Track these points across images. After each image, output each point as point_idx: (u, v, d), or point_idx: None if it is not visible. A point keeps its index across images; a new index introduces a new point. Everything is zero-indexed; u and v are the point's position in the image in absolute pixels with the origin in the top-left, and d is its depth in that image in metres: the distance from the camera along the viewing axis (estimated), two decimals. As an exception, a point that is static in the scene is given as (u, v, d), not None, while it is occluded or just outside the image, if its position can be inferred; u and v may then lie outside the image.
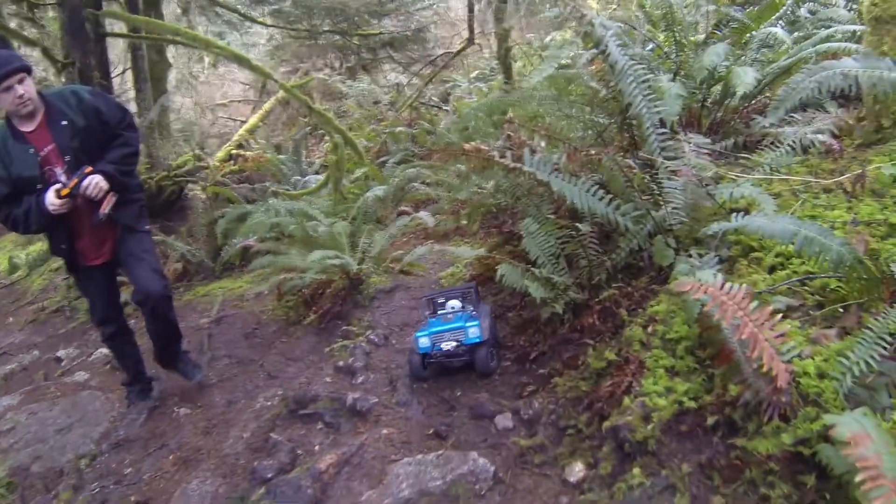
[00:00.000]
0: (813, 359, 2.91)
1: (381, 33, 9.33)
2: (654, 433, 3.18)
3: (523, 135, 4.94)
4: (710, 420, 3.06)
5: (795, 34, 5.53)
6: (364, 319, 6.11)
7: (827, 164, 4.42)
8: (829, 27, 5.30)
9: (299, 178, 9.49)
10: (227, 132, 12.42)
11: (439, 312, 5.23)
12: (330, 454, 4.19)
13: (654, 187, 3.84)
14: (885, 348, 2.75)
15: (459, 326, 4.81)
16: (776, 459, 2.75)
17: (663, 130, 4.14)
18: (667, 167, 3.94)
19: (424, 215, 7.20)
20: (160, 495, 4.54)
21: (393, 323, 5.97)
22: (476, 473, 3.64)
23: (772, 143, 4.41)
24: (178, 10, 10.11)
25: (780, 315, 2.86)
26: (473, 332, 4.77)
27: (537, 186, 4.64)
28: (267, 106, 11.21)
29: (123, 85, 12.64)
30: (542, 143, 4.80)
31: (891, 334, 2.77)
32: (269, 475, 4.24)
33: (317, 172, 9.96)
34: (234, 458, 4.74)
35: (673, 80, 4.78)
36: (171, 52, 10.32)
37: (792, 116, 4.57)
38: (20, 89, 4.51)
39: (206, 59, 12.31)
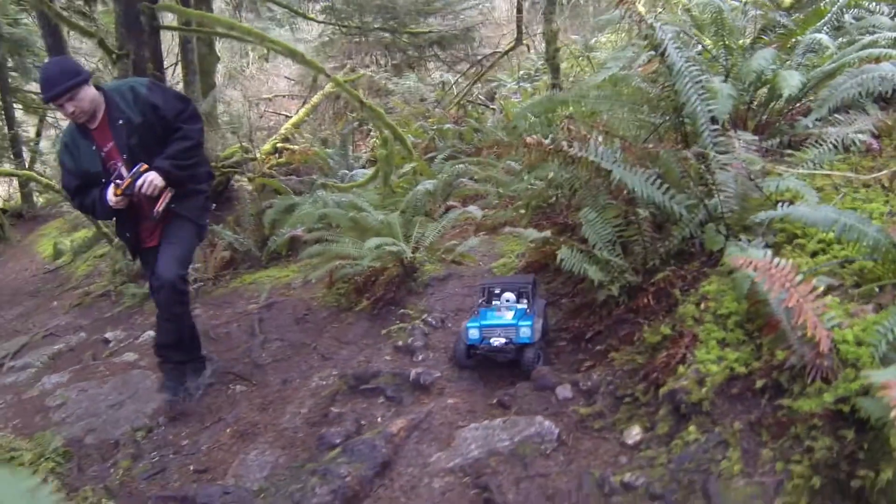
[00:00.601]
0: (851, 328, 3.41)
1: (429, 31, 9.84)
2: (708, 395, 3.70)
3: (582, 129, 5.40)
4: (759, 383, 3.58)
5: (840, 40, 5.97)
6: (419, 305, 6.52)
7: (867, 162, 4.92)
8: (873, 33, 5.75)
9: (346, 171, 10.03)
10: (274, 126, 13.06)
11: (494, 303, 5.40)
12: (400, 419, 4.69)
13: (708, 178, 4.36)
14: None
15: (512, 324, 5.01)
16: (819, 416, 3.26)
17: (715, 127, 4.66)
18: (719, 161, 4.47)
19: (474, 209, 7.69)
20: (219, 465, 4.88)
21: (448, 308, 6.37)
22: (542, 435, 4.15)
23: (815, 142, 4.94)
24: (224, 5, 10.68)
25: (822, 289, 3.39)
26: (525, 332, 4.97)
27: (595, 177, 5.15)
28: (314, 100, 11.79)
29: (174, 77, 13.28)
30: (600, 139, 5.27)
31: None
32: (337, 441, 4.63)
33: (363, 167, 10.52)
34: (292, 432, 5.15)
35: (724, 81, 5.30)
36: (218, 46, 10.88)
37: (834, 117, 5.10)
38: (70, 107, 4.82)
39: (251, 55, 12.89)
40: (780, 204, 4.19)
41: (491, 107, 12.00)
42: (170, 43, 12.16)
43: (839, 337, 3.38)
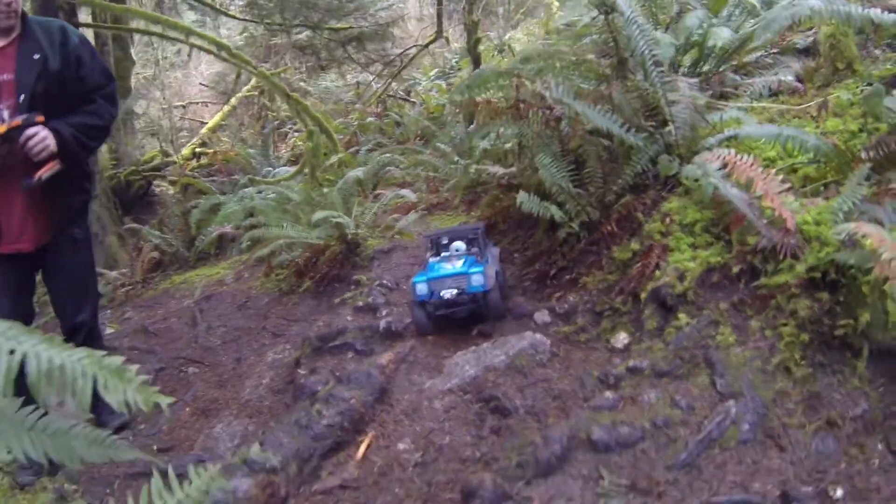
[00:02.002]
0: (808, 212, 3.94)
1: (349, 27, 10.18)
2: (691, 286, 4.18)
3: (533, 88, 5.81)
4: (735, 269, 4.07)
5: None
6: (368, 275, 6.74)
7: (794, 100, 5.56)
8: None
9: (269, 170, 10.23)
10: (190, 131, 13.11)
11: (442, 255, 5.28)
12: (387, 353, 4.93)
13: (665, 109, 4.86)
14: (859, 198, 3.83)
15: (461, 272, 4.87)
16: (795, 286, 3.77)
17: (662, 69, 5.18)
18: (669, 97, 4.97)
19: (406, 192, 8.04)
20: (183, 442, 4.86)
21: (398, 276, 6.59)
22: (535, 346, 4.51)
23: (746, 89, 5.58)
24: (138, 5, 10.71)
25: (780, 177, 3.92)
26: (477, 279, 4.83)
27: (545, 128, 5.60)
28: (232, 102, 11.93)
29: None
30: (554, 84, 5.66)
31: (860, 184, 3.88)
32: (318, 388, 4.71)
33: (285, 165, 10.72)
34: (257, 401, 5.23)
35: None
36: (132, 51, 10.90)
37: (760, 72, 5.77)
38: None
39: (162, 63, 12.92)
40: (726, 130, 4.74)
41: (411, 100, 12.46)
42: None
43: (800, 219, 3.89)
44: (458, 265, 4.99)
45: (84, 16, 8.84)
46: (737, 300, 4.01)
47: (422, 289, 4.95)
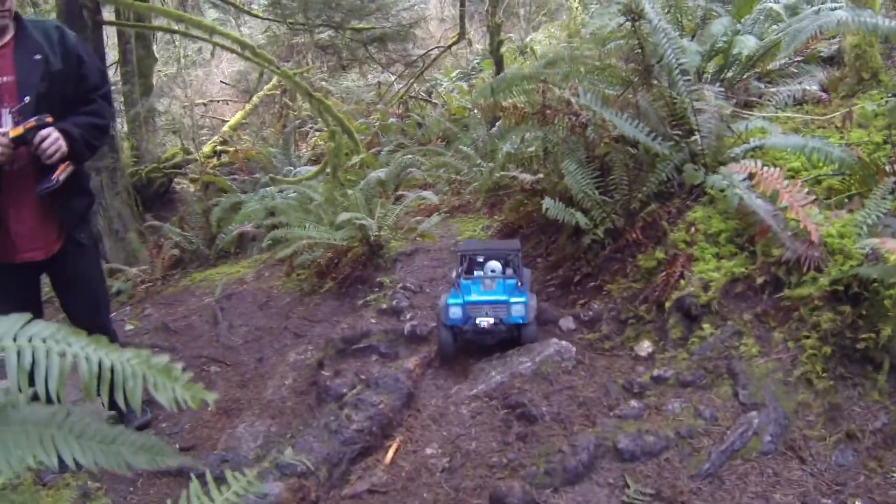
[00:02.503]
0: (832, 225, 4.05)
1: (372, 28, 10.31)
2: (715, 297, 4.29)
3: (559, 91, 5.92)
4: (759, 280, 4.18)
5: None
6: (391, 277, 6.83)
7: (819, 110, 5.66)
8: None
9: (290, 169, 10.37)
10: (211, 129, 13.31)
11: (476, 273, 4.99)
12: (413, 357, 5.05)
13: (691, 118, 4.96)
14: (883, 211, 3.93)
15: (502, 301, 4.60)
16: (818, 298, 3.88)
17: (688, 78, 5.28)
18: (695, 105, 5.08)
19: (428, 194, 8.14)
20: (206, 441, 4.90)
21: (421, 279, 6.66)
22: (561, 353, 4.62)
23: (770, 97, 5.68)
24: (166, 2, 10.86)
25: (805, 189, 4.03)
26: (518, 310, 4.57)
27: (571, 134, 5.71)
28: (254, 101, 12.10)
29: (113, 78, 13.32)
30: (581, 90, 5.76)
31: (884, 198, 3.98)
32: (344, 390, 4.80)
33: (306, 165, 10.85)
34: (279, 402, 5.30)
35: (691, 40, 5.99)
36: (154, 49, 11.07)
37: (784, 80, 5.88)
38: None
39: (184, 61, 13.10)
40: (752, 139, 4.85)
41: (433, 101, 12.59)
42: (105, 45, 12.24)
43: (824, 232, 3.99)
44: (496, 290, 4.71)
45: (107, 13, 8.98)
46: (760, 311, 4.12)
47: (455, 312, 4.65)
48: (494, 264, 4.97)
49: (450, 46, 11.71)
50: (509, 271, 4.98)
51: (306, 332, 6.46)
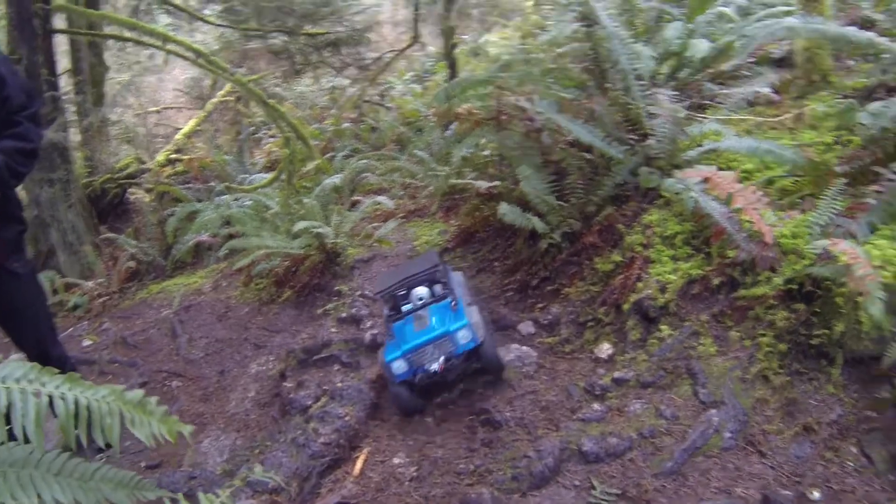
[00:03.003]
0: (785, 226, 4.19)
1: (326, 32, 10.33)
2: (672, 298, 4.41)
3: (513, 97, 6.00)
4: (716, 281, 4.31)
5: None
6: (349, 285, 6.88)
7: (771, 111, 5.81)
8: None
9: (245, 177, 10.33)
10: (165, 138, 13.20)
11: (404, 309, 4.68)
12: (374, 367, 5.11)
13: (646, 122, 5.09)
14: (835, 212, 4.08)
15: (442, 332, 4.27)
16: (773, 297, 4.03)
17: (643, 83, 5.41)
18: (649, 110, 5.20)
19: (384, 199, 8.18)
20: (171, 457, 4.85)
21: (379, 287, 6.81)
22: (522, 359, 4.73)
23: (723, 100, 5.82)
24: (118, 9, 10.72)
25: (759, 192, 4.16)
26: (464, 336, 4.28)
27: (526, 140, 5.80)
28: (207, 108, 12.04)
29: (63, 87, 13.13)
30: (536, 98, 5.86)
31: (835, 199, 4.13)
32: (309, 402, 4.88)
33: (261, 172, 10.83)
34: (243, 415, 5.36)
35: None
36: (106, 57, 10.95)
37: (736, 82, 6.04)
38: None
39: (135, 67, 12.99)
40: (706, 143, 4.99)
41: (387, 105, 12.65)
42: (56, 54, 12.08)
43: (777, 233, 4.13)
44: (433, 322, 4.35)
45: (59, 21, 8.88)
46: (717, 311, 4.25)
47: (400, 367, 4.30)
48: (420, 291, 4.68)
49: (403, 50, 11.78)
50: (438, 288, 4.72)
51: (266, 343, 6.50)
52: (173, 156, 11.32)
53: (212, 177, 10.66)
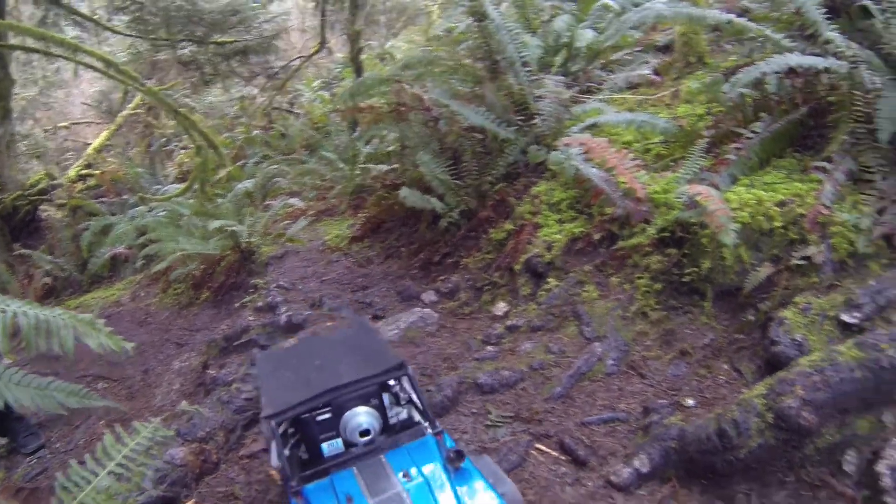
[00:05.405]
0: (658, 184, 4.70)
1: (234, 41, 10.56)
2: (558, 255, 4.87)
3: (412, 91, 6.42)
4: (597, 236, 4.79)
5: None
6: (264, 279, 7.16)
7: (652, 91, 6.37)
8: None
9: (158, 188, 10.51)
10: (75, 152, 13.24)
11: (327, 451, 2.96)
12: (291, 338, 5.42)
13: (531, 104, 5.58)
14: (699, 168, 4.61)
15: None
16: (648, 245, 4.50)
17: (529, 69, 5.90)
18: (535, 93, 5.70)
19: (294, 200, 8.51)
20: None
21: (293, 278, 7.09)
22: (424, 319, 5.13)
23: (608, 82, 6.39)
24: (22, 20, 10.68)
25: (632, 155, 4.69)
26: None
27: (425, 128, 6.25)
28: (118, 121, 12.14)
29: None
30: (431, 85, 6.30)
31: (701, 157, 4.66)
32: (231, 378, 5.17)
33: (173, 183, 11.00)
34: (170, 406, 5.56)
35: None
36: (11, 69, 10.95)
37: (623, 68, 6.62)
38: None
39: (41, 82, 12.97)
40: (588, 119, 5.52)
41: (296, 112, 12.97)
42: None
43: (650, 190, 4.63)
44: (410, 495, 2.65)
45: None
46: (599, 262, 4.72)
47: None
48: (361, 418, 2.97)
49: (310, 56, 12.11)
50: (400, 412, 3.13)
51: (188, 341, 6.77)
52: (84, 171, 11.41)
53: (125, 190, 10.81)
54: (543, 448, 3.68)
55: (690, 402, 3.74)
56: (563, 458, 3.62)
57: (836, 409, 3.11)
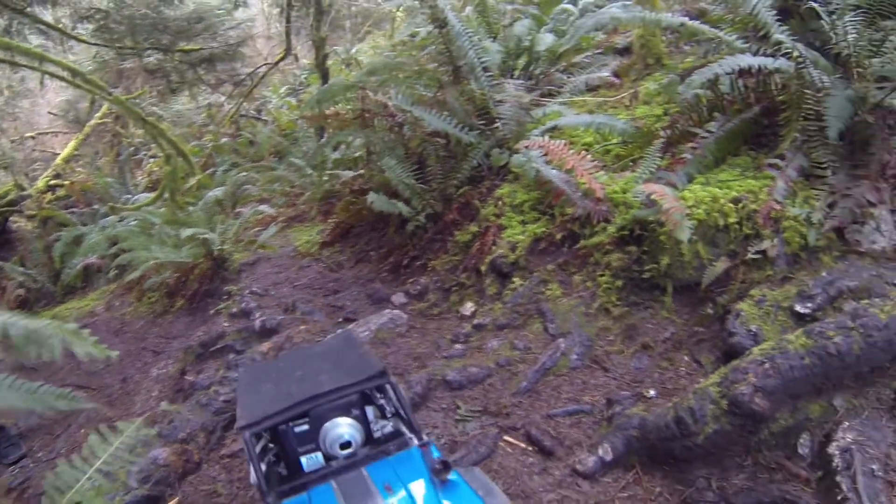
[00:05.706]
0: (617, 184, 4.89)
1: (200, 49, 10.61)
2: (521, 255, 5.04)
3: (377, 98, 6.57)
4: (559, 236, 4.96)
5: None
6: (238, 286, 7.27)
7: (611, 93, 6.56)
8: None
9: (128, 197, 10.58)
10: (43, 163, 13.24)
11: (307, 465, 2.84)
12: (266, 342, 5.58)
13: (492, 108, 5.75)
14: (656, 167, 4.79)
15: None
16: (608, 244, 4.68)
17: (490, 74, 6.07)
18: (495, 98, 5.88)
19: (264, 207, 8.63)
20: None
21: (266, 284, 7.19)
22: (394, 321, 5.28)
23: (568, 85, 6.57)
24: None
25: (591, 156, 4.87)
26: None
27: (390, 133, 6.41)
28: (85, 130, 12.17)
29: None
30: (391, 92, 6.45)
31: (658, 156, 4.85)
32: (207, 383, 5.30)
33: (143, 192, 11.07)
34: (150, 410, 5.60)
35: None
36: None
37: (583, 71, 6.81)
38: None
39: (7, 92, 12.93)
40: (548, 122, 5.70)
41: (263, 119, 13.07)
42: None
43: (609, 190, 4.82)
44: None
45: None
46: (561, 261, 4.89)
47: None
48: (341, 429, 2.85)
49: (277, 63, 12.19)
50: (386, 425, 3.02)
51: (164, 349, 6.87)
52: (53, 181, 11.44)
53: (95, 199, 10.86)
54: (511, 440, 3.83)
55: (652, 392, 3.91)
56: (530, 449, 3.77)
57: (787, 394, 3.26)
